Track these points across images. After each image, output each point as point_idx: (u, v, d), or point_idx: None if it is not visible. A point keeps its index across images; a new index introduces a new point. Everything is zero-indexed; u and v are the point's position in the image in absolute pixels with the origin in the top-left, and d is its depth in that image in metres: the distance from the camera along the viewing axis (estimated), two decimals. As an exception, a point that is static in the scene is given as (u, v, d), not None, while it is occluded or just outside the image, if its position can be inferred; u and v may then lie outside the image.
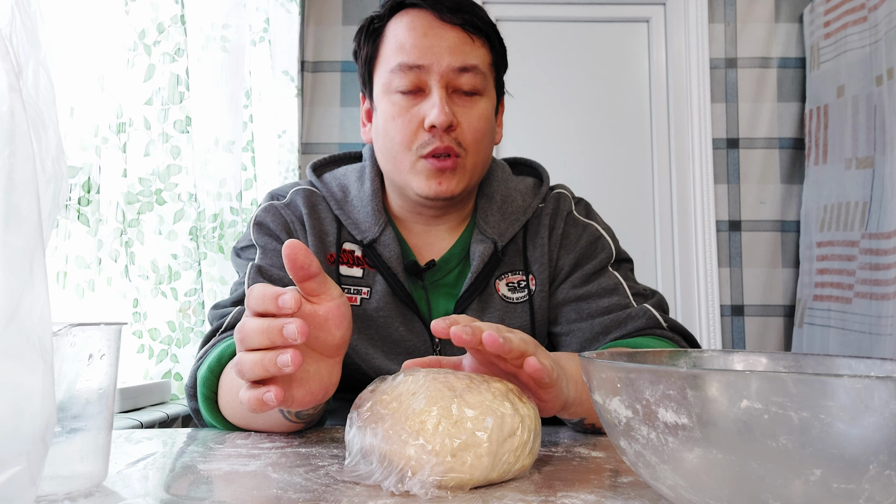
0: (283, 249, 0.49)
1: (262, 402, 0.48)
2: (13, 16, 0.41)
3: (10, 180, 0.34)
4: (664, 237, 2.21)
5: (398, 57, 0.81)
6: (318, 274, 0.50)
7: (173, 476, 0.53)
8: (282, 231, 0.86)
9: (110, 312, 1.08)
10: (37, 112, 0.41)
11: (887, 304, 1.69)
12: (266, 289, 0.49)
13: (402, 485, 0.46)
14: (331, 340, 0.53)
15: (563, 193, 0.93)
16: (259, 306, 0.49)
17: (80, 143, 1.01)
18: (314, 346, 0.53)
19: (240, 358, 0.49)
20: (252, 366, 0.48)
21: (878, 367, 0.46)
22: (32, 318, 0.34)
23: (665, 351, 0.53)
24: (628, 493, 0.47)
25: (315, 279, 0.50)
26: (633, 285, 0.88)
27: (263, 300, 0.49)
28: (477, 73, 0.81)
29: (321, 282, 0.51)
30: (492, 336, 0.51)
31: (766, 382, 0.31)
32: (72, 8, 0.99)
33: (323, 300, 0.52)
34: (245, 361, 0.48)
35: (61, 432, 0.45)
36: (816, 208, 2.04)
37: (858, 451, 0.30)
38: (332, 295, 0.52)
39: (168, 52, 1.19)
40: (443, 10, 0.80)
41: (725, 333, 2.14)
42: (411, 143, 0.81)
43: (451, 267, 0.88)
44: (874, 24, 1.83)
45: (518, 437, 0.49)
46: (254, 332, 0.48)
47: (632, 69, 2.27)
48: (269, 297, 0.48)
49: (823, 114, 2.03)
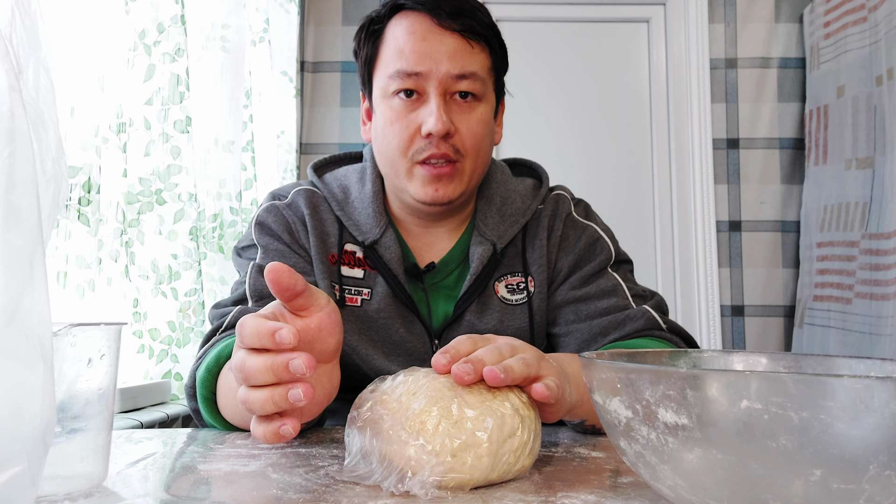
0: (266, 274, 0.48)
1: (280, 436, 0.47)
2: (13, 16, 0.41)
3: (10, 180, 0.34)
4: (664, 237, 2.21)
5: (397, 62, 0.80)
6: (304, 290, 0.49)
7: (173, 476, 0.53)
8: (283, 231, 0.86)
9: (110, 312, 1.08)
10: (37, 112, 0.41)
11: (887, 304, 1.69)
12: (259, 324, 0.47)
13: (402, 485, 0.46)
14: (327, 348, 0.53)
15: (562, 195, 0.93)
16: (255, 343, 0.47)
17: (81, 143, 1.01)
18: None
19: (246, 395, 0.48)
20: (262, 403, 0.47)
21: (878, 368, 0.46)
22: (32, 319, 0.34)
23: (665, 351, 0.53)
24: (628, 493, 0.47)
25: (302, 296, 0.50)
26: (632, 286, 0.88)
27: (259, 337, 0.47)
28: (476, 79, 0.81)
29: (308, 296, 0.50)
30: (492, 372, 0.50)
31: (766, 382, 0.31)
32: (72, 8, 0.99)
33: (313, 312, 0.51)
34: (254, 400, 0.47)
35: (61, 432, 0.45)
36: (816, 208, 2.04)
37: (858, 452, 0.30)
38: (320, 305, 0.51)
39: (168, 52, 1.19)
40: (442, 16, 0.80)
41: (725, 334, 2.14)
42: (408, 148, 0.81)
43: (451, 269, 0.88)
44: (874, 25, 1.83)
45: (518, 437, 0.49)
46: (258, 371, 0.47)
47: (632, 69, 2.27)
48: (265, 334, 0.47)
49: (823, 114, 2.03)
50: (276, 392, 0.47)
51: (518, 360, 0.53)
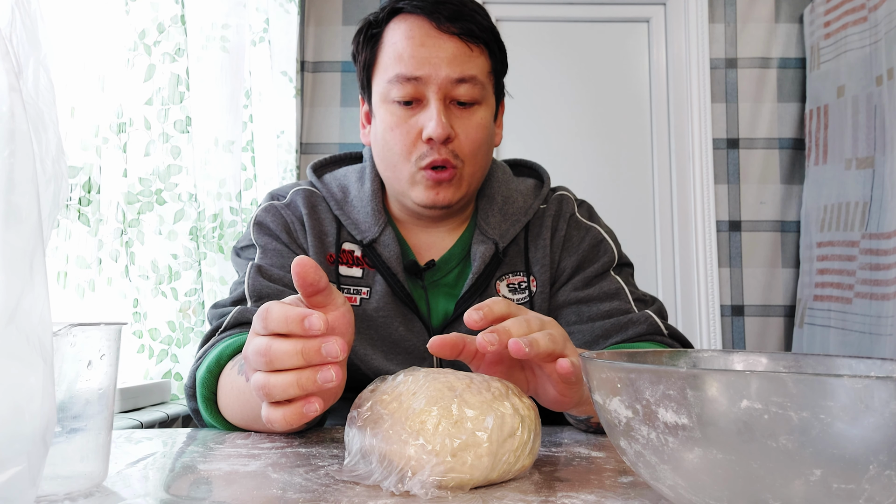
0: (293, 267, 0.48)
1: (303, 416, 0.47)
2: (13, 16, 0.41)
3: (10, 180, 0.34)
4: (664, 237, 2.21)
5: (395, 67, 0.80)
6: (325, 288, 0.50)
7: (173, 476, 0.53)
8: (282, 231, 0.86)
9: (111, 312, 1.08)
10: (37, 112, 0.41)
11: (887, 304, 1.69)
12: (287, 310, 0.48)
13: (402, 485, 0.46)
14: None
15: (565, 195, 0.93)
16: (282, 328, 0.48)
17: (81, 143, 1.01)
18: None
19: (265, 380, 0.48)
20: (286, 387, 0.47)
21: (878, 367, 0.46)
22: (32, 318, 0.34)
23: (665, 351, 0.53)
24: (628, 493, 0.47)
25: (323, 293, 0.50)
26: (633, 290, 0.88)
27: (287, 322, 0.47)
28: (475, 83, 0.81)
29: (327, 294, 0.51)
30: (517, 344, 0.50)
31: (766, 382, 0.31)
32: (72, 8, 0.99)
33: (329, 310, 0.51)
34: (275, 384, 0.47)
35: (61, 432, 0.45)
36: (816, 208, 2.04)
37: (858, 451, 0.30)
38: (336, 304, 0.52)
39: (168, 52, 1.19)
40: (440, 19, 0.79)
41: (725, 333, 2.14)
42: (410, 153, 0.81)
43: (451, 267, 0.88)
44: (874, 25, 1.83)
45: (518, 437, 0.49)
46: (287, 354, 0.47)
47: (632, 69, 2.27)
48: (294, 320, 0.47)
49: (824, 114, 2.03)
50: (302, 375, 0.47)
51: (545, 335, 0.53)
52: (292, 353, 0.47)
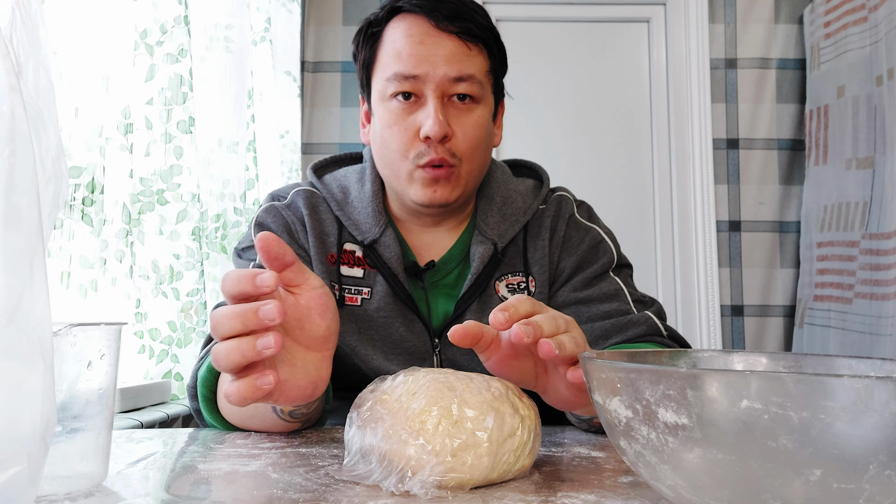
0: (256, 242, 0.48)
1: (256, 388, 0.45)
2: (13, 16, 0.41)
3: (10, 180, 0.34)
4: (664, 237, 2.21)
5: (394, 65, 0.80)
6: (293, 262, 0.49)
7: (173, 476, 0.53)
8: (283, 232, 0.86)
9: (113, 313, 1.08)
10: (37, 112, 0.41)
11: (887, 304, 1.69)
12: (241, 272, 0.47)
13: (402, 485, 0.46)
14: (315, 331, 0.52)
15: (565, 196, 0.93)
16: (234, 288, 0.47)
17: (85, 144, 1.01)
18: (298, 339, 0.52)
19: (215, 348, 0.47)
20: (227, 352, 0.45)
21: (878, 367, 0.46)
22: (32, 318, 0.34)
23: (665, 351, 0.53)
24: (628, 493, 0.47)
25: (291, 268, 0.50)
26: (633, 292, 0.88)
27: (239, 281, 0.46)
28: (473, 82, 0.81)
29: (298, 271, 0.50)
30: (548, 346, 0.50)
31: (766, 382, 0.31)
32: (76, 8, 0.99)
33: (303, 290, 0.51)
34: (219, 349, 0.46)
35: (61, 432, 0.45)
36: (817, 208, 2.04)
37: (858, 451, 0.30)
38: (311, 284, 0.51)
39: (172, 53, 1.19)
40: (439, 18, 0.80)
41: (725, 333, 2.14)
42: (408, 151, 0.81)
43: (451, 268, 0.88)
44: (874, 25, 1.83)
45: (518, 437, 0.49)
46: (226, 317, 0.46)
47: (632, 69, 2.27)
48: (246, 278, 0.46)
49: (824, 114, 2.03)
50: (243, 340, 0.45)
51: (570, 338, 0.53)
52: (231, 316, 0.46)
